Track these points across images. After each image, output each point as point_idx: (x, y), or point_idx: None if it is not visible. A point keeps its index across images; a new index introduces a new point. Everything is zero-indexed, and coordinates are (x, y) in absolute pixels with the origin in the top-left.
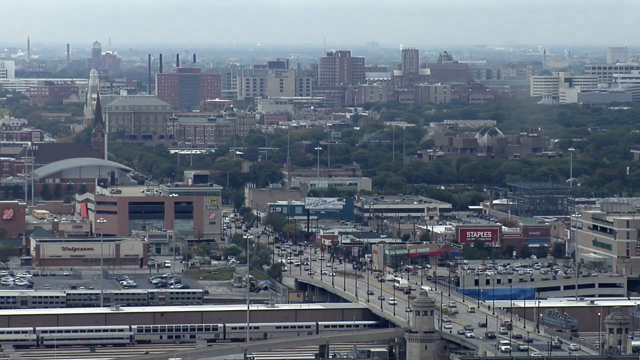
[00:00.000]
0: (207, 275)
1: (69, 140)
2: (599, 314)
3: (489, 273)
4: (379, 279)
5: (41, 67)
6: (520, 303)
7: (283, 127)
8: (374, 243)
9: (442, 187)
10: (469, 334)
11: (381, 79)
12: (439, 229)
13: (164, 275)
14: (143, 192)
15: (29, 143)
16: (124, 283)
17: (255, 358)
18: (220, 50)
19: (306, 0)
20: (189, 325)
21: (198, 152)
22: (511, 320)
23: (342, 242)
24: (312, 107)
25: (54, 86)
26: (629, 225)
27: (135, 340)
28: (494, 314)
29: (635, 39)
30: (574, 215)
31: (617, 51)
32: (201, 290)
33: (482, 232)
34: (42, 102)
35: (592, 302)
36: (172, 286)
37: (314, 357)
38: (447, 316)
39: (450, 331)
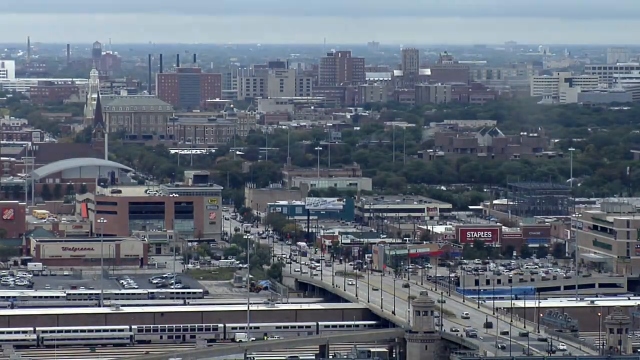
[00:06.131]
0: (207, 275)
1: (69, 140)
2: (599, 314)
3: (489, 272)
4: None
5: (41, 67)
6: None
7: (283, 127)
8: (374, 243)
9: (442, 187)
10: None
11: (381, 79)
12: (439, 229)
13: (164, 276)
14: (146, 191)
15: (29, 143)
16: (124, 284)
17: (255, 358)
18: (220, 50)
19: (307, 1)
20: (189, 325)
21: (198, 152)
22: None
23: (343, 242)
24: (312, 107)
25: (54, 86)
26: (629, 225)
27: (135, 340)
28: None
29: (635, 39)
30: (574, 215)
31: (617, 51)
32: (201, 291)
33: (482, 232)
34: (42, 102)
35: (592, 302)
36: (172, 286)
37: (314, 357)
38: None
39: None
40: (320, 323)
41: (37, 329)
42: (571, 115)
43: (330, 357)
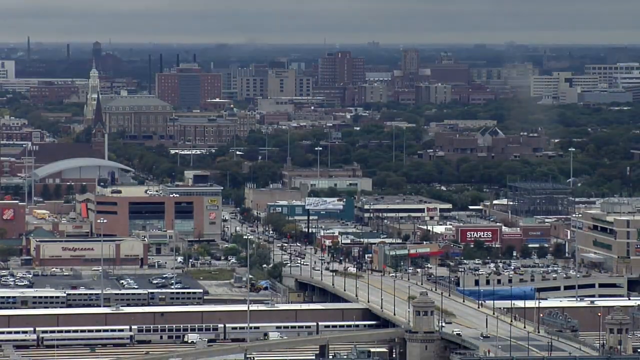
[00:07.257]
0: (207, 275)
1: (69, 140)
2: (599, 314)
3: (489, 272)
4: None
5: (41, 67)
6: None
7: (283, 127)
8: (374, 243)
9: (443, 187)
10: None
11: (381, 79)
12: (439, 229)
13: (165, 276)
14: (146, 191)
15: (29, 143)
16: (124, 284)
17: (256, 358)
18: (221, 50)
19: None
20: (189, 325)
21: (198, 152)
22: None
23: (343, 242)
24: (312, 107)
25: (54, 86)
26: (629, 225)
27: (135, 341)
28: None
29: (635, 39)
30: (574, 215)
31: (617, 51)
32: (201, 291)
33: (482, 232)
34: (42, 102)
35: (592, 302)
36: (172, 286)
37: (314, 357)
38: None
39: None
40: (320, 323)
41: (37, 329)
42: (571, 115)
43: (330, 357)
